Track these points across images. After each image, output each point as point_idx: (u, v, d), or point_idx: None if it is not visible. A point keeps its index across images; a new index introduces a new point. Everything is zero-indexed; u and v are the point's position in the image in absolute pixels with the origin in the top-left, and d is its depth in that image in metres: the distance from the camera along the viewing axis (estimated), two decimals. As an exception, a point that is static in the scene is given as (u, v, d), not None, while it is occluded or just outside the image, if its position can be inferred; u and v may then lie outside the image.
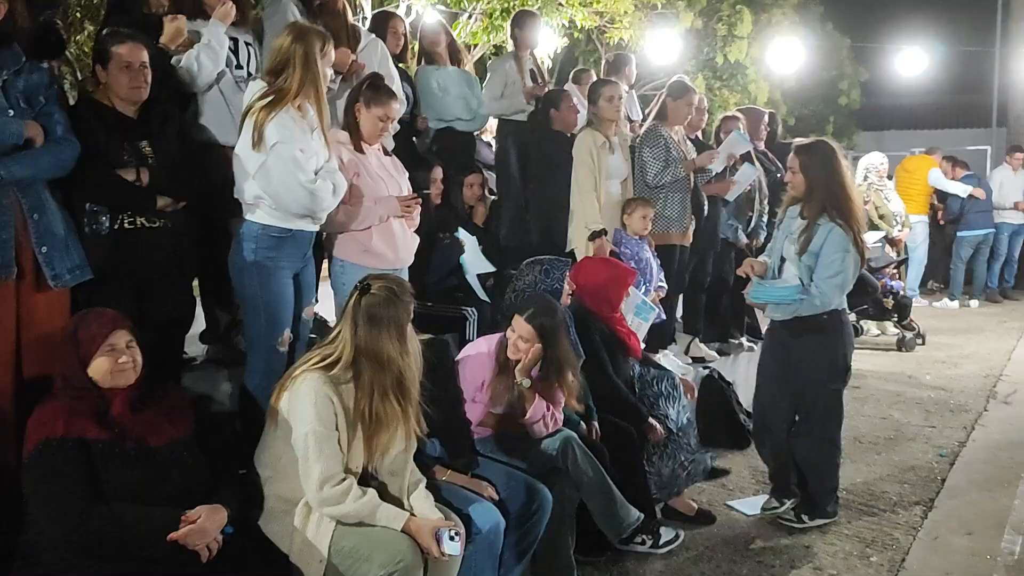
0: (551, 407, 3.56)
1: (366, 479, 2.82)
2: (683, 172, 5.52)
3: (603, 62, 7.51)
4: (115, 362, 2.56)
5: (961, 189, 10.37)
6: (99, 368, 2.56)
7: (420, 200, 3.80)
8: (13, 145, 2.82)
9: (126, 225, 3.19)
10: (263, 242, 3.30)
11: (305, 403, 2.69)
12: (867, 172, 8.92)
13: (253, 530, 2.75)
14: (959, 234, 10.58)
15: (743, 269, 4.15)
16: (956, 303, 10.64)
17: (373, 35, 4.71)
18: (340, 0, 4.36)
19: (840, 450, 4.21)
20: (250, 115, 3.23)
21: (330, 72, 3.32)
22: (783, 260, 3.96)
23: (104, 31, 3.25)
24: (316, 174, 3.28)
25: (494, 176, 5.81)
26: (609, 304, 4.33)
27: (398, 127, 4.18)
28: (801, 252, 3.79)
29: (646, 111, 6.75)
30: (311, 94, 3.28)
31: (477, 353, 3.63)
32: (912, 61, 14.44)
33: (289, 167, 3.19)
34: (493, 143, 6.35)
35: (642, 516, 3.67)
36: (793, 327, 3.94)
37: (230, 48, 3.86)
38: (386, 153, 3.93)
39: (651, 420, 4.14)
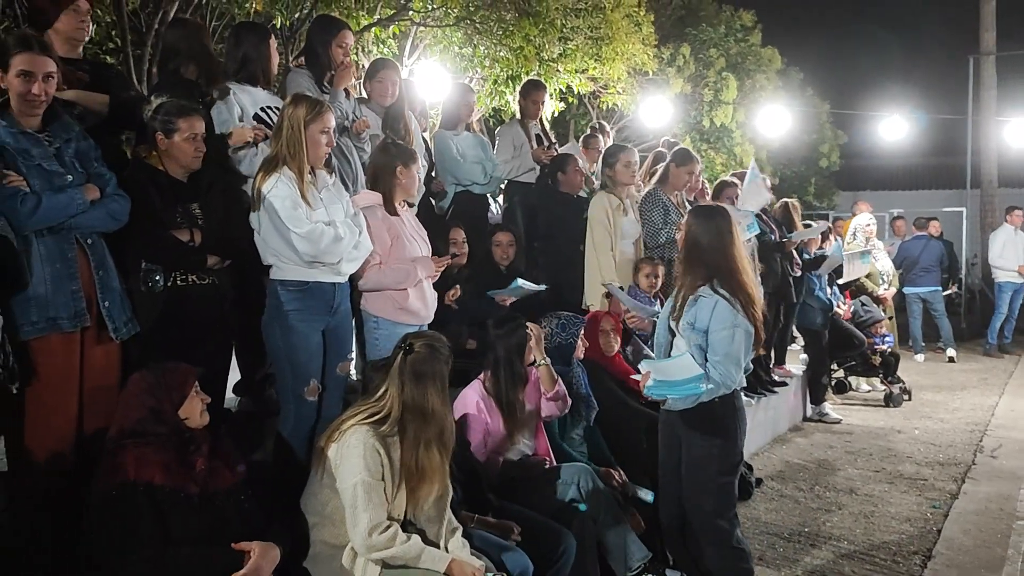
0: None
1: (405, 525, 2.97)
2: (676, 233, 5.78)
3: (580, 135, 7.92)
4: (204, 404, 2.79)
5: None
6: (193, 409, 2.77)
7: (451, 261, 4.02)
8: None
9: (178, 282, 3.40)
10: (283, 297, 3.49)
11: (354, 454, 2.86)
12: (855, 231, 9.25)
13: (300, 572, 2.89)
14: (904, 290, 10.87)
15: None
16: (921, 356, 10.93)
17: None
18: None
19: (747, 552, 3.67)
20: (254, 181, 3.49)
21: (324, 138, 3.48)
22: (673, 335, 3.63)
23: (165, 101, 3.47)
24: (328, 225, 3.45)
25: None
26: (597, 344, 4.58)
27: (424, 189, 4.42)
28: (676, 317, 3.56)
29: (645, 174, 7.03)
30: (300, 156, 3.42)
31: (465, 408, 3.79)
32: (890, 127, 15.30)
33: (277, 220, 3.39)
34: (497, 201, 6.59)
35: (650, 555, 3.81)
36: (686, 416, 3.56)
37: (268, 115, 4.10)
38: (408, 213, 4.16)
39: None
